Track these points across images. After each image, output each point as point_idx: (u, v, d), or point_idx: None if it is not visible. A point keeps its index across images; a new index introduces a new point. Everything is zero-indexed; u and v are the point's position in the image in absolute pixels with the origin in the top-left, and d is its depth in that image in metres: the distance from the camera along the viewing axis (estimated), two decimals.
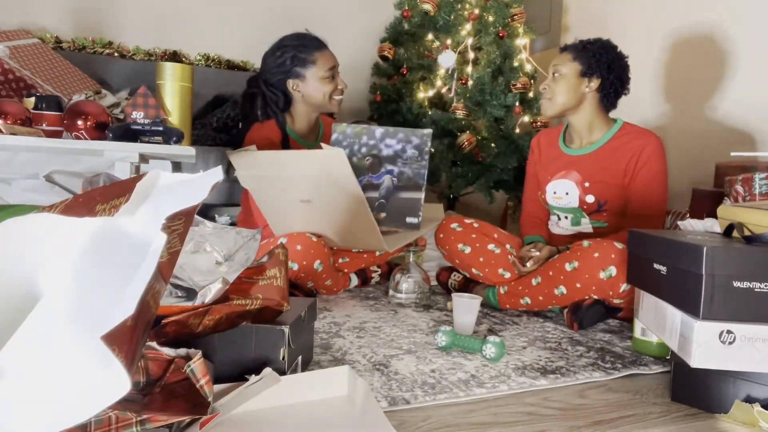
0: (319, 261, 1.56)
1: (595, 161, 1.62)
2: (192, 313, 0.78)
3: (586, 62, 1.59)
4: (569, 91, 1.60)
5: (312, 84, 1.75)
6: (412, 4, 2.63)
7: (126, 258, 0.54)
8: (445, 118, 2.51)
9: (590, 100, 1.62)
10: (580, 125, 1.65)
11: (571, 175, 1.64)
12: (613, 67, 1.59)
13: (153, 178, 0.63)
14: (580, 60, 1.60)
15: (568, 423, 0.87)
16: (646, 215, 1.57)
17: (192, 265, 0.85)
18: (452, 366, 1.10)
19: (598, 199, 1.60)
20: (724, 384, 0.91)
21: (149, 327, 0.58)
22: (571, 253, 1.45)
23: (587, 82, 1.60)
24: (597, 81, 1.59)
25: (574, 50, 1.62)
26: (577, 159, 1.66)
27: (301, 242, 1.54)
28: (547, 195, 1.69)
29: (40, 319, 0.49)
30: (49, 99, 1.48)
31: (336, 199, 1.50)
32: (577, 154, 1.66)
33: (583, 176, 1.62)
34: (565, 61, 1.62)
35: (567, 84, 1.60)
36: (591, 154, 1.63)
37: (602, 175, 1.60)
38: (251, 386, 0.78)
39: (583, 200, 1.62)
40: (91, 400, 0.46)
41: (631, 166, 1.57)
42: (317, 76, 1.74)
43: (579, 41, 1.65)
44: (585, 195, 1.62)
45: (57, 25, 2.56)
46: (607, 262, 1.37)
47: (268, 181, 1.57)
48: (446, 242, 1.69)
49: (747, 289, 0.87)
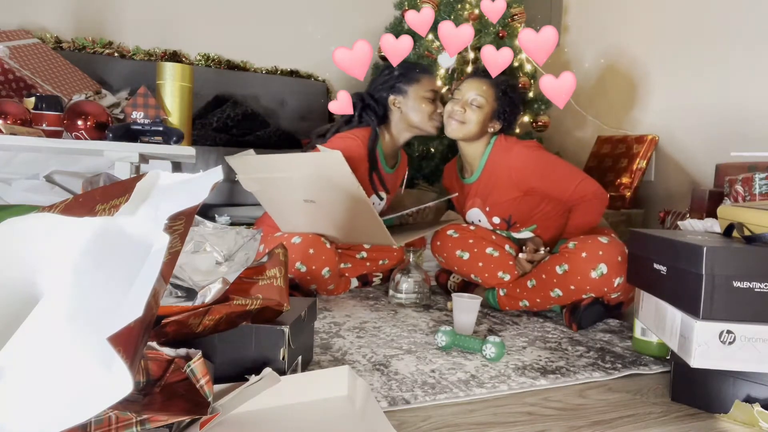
0: (327, 268, 1.57)
1: (482, 185, 1.67)
2: (192, 313, 0.78)
3: (501, 108, 1.63)
4: (480, 125, 1.62)
5: (412, 101, 1.76)
6: (412, 4, 2.63)
7: (127, 258, 0.54)
8: None
9: (486, 136, 1.66)
10: (472, 155, 1.68)
11: (476, 202, 1.72)
12: (513, 118, 1.67)
13: (153, 178, 0.63)
14: (499, 103, 1.63)
15: (568, 423, 0.87)
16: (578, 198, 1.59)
17: (192, 265, 0.85)
18: (452, 366, 1.10)
19: (503, 217, 1.66)
20: (724, 384, 0.91)
21: (150, 327, 0.58)
22: (560, 255, 1.46)
23: (493, 123, 1.65)
24: (498, 125, 1.66)
25: (495, 90, 1.64)
26: (473, 186, 1.71)
27: (314, 247, 1.54)
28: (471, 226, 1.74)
29: (40, 319, 0.48)
30: (49, 99, 1.48)
31: (338, 198, 1.50)
32: (471, 182, 1.72)
33: (482, 201, 1.69)
34: (488, 96, 1.63)
35: (482, 117, 1.62)
36: (478, 180, 1.69)
37: (493, 196, 1.65)
38: (251, 386, 0.78)
39: (493, 222, 1.69)
40: (92, 401, 0.46)
41: (515, 180, 1.60)
42: (418, 94, 1.75)
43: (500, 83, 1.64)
44: (491, 218, 1.68)
45: (57, 25, 2.56)
46: (595, 260, 1.38)
47: (269, 183, 1.57)
48: (444, 250, 1.68)
49: (747, 289, 0.87)
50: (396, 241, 1.58)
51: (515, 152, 1.59)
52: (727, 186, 1.68)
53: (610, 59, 2.80)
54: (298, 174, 1.48)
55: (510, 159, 1.60)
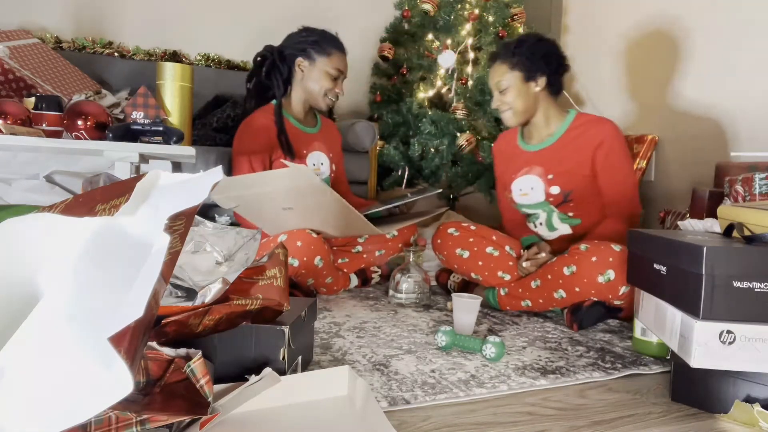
0: (319, 257, 1.56)
1: (555, 153, 1.64)
2: (192, 313, 0.78)
3: (524, 68, 1.60)
4: (522, 98, 1.62)
5: (316, 71, 1.80)
6: (412, 4, 2.63)
7: (127, 258, 0.54)
8: (445, 118, 2.51)
9: (543, 96, 1.64)
10: (539, 121, 1.67)
11: (534, 170, 1.67)
12: (549, 59, 1.61)
13: (153, 178, 0.63)
14: (518, 67, 1.61)
15: (568, 423, 0.87)
16: (625, 201, 1.59)
17: (192, 265, 0.85)
18: (452, 366, 1.10)
19: (563, 189, 1.62)
20: (724, 384, 0.91)
21: (150, 327, 0.58)
22: (569, 256, 1.45)
23: (534, 84, 1.62)
24: (543, 79, 1.61)
25: (507, 59, 1.62)
26: (538, 153, 1.67)
27: (301, 239, 1.55)
28: (513, 193, 1.71)
29: (40, 319, 0.48)
30: (49, 99, 1.47)
31: (315, 203, 1.51)
32: (538, 149, 1.68)
33: (546, 169, 1.64)
34: (503, 73, 1.62)
35: (517, 93, 1.61)
36: (551, 146, 1.65)
37: (565, 165, 1.62)
38: (251, 386, 0.78)
39: (549, 192, 1.64)
40: (93, 401, 0.46)
41: (595, 155, 1.59)
42: (324, 67, 1.80)
43: (505, 46, 1.64)
44: (549, 187, 1.64)
45: (57, 25, 2.56)
46: (605, 266, 1.37)
47: (245, 199, 1.59)
48: (444, 248, 1.68)
49: (747, 289, 0.87)
50: (383, 230, 1.59)
51: (608, 127, 1.58)
52: (727, 186, 1.68)
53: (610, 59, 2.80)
54: (270, 188, 1.50)
55: (600, 131, 1.58)
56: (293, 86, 1.86)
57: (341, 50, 1.84)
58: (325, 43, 1.80)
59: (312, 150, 1.85)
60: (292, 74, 1.84)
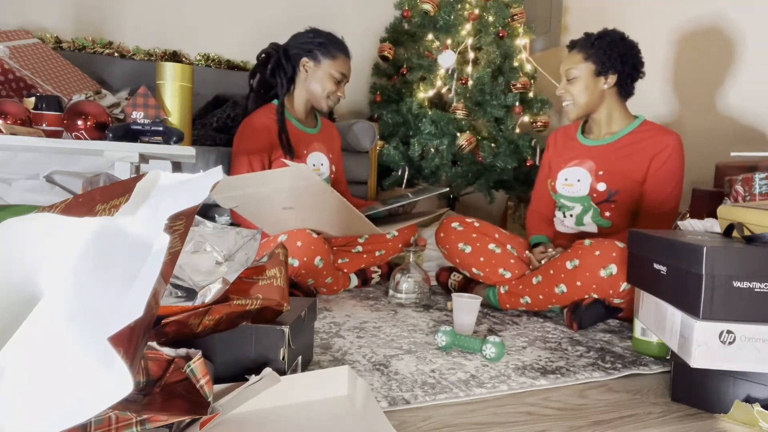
0: (319, 257, 1.56)
1: (612, 151, 1.63)
2: (192, 313, 0.78)
3: (599, 61, 1.59)
4: (588, 91, 1.61)
5: (321, 73, 1.82)
6: (412, 4, 2.63)
7: (127, 258, 0.54)
8: (445, 118, 2.51)
9: (609, 94, 1.63)
10: (601, 118, 1.67)
11: (585, 164, 1.66)
12: (626, 59, 1.59)
13: (153, 178, 0.63)
14: (593, 59, 1.59)
15: (568, 423, 0.87)
16: (660, 213, 1.58)
17: (192, 265, 0.85)
18: (452, 366, 1.10)
19: (609, 188, 1.61)
20: (724, 384, 0.91)
21: (150, 327, 0.58)
22: (572, 251, 1.45)
23: (604, 80, 1.61)
24: (614, 77, 1.60)
25: (584, 49, 1.61)
26: (594, 148, 1.67)
27: (301, 239, 1.55)
28: (558, 182, 1.70)
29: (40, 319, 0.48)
30: (49, 99, 1.47)
31: (316, 202, 1.51)
32: (595, 144, 1.67)
33: (598, 164, 1.63)
34: (576, 62, 1.61)
35: (584, 85, 1.61)
36: (609, 144, 1.65)
37: (618, 165, 1.60)
38: (251, 386, 0.78)
39: (594, 188, 1.63)
40: (93, 401, 0.46)
41: (652, 161, 1.58)
42: (329, 70, 1.81)
43: (586, 36, 1.64)
44: (597, 183, 1.62)
45: (57, 25, 2.56)
46: (608, 260, 1.37)
47: (245, 198, 1.60)
48: (447, 241, 1.69)
49: (747, 289, 0.87)
50: (384, 230, 1.59)
51: (673, 138, 1.57)
52: (727, 186, 1.68)
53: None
54: (270, 188, 1.50)
55: (663, 140, 1.57)
56: (296, 86, 1.87)
57: (346, 54, 1.86)
58: (331, 45, 1.82)
59: (312, 150, 1.86)
60: (296, 73, 1.86)
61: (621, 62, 1.58)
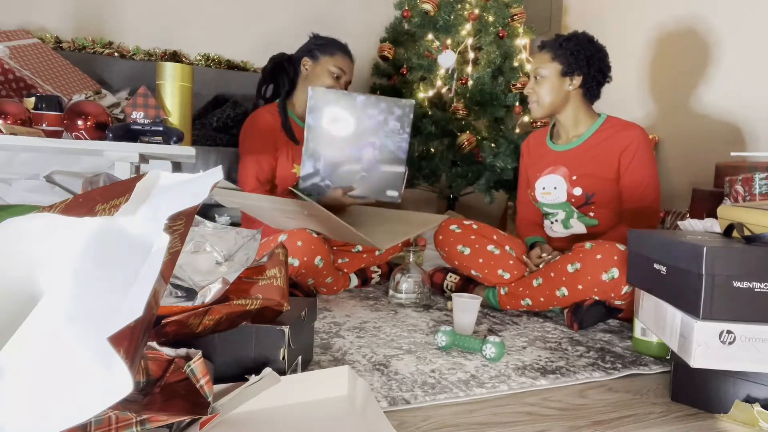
0: (319, 257, 1.57)
1: (581, 154, 1.64)
2: (192, 313, 0.78)
3: (565, 61, 1.60)
4: (553, 91, 1.62)
5: (319, 69, 1.84)
6: (412, 4, 2.63)
7: (127, 258, 0.54)
8: (445, 118, 2.51)
9: (574, 96, 1.64)
10: (567, 121, 1.67)
11: (559, 170, 1.66)
12: (592, 62, 1.60)
13: (153, 178, 0.63)
14: (560, 60, 1.61)
15: (568, 423, 0.87)
16: (644, 206, 1.58)
17: (192, 265, 0.85)
18: (452, 366, 1.10)
19: (586, 191, 1.62)
20: (724, 384, 0.91)
21: (150, 327, 0.58)
22: (573, 254, 1.45)
23: (569, 81, 1.62)
24: (579, 78, 1.61)
25: (552, 50, 1.62)
26: (564, 154, 1.68)
27: (302, 238, 1.55)
28: (536, 191, 1.71)
29: (40, 319, 0.48)
30: (49, 99, 1.48)
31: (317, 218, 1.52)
32: (564, 149, 1.68)
33: (570, 170, 1.64)
34: (544, 62, 1.63)
35: (550, 85, 1.62)
36: (577, 147, 1.65)
37: (589, 168, 1.61)
38: (251, 386, 0.78)
39: (571, 193, 1.64)
40: (92, 401, 0.46)
41: (621, 158, 1.58)
42: (326, 66, 1.84)
43: (555, 37, 1.65)
44: (572, 188, 1.63)
45: (57, 25, 2.56)
46: (609, 263, 1.37)
47: (247, 207, 1.64)
48: (445, 244, 1.69)
49: (747, 289, 0.87)
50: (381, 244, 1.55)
51: (636, 132, 1.57)
52: (727, 186, 1.68)
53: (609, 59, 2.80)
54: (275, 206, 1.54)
55: (628, 135, 1.57)
56: (298, 85, 1.90)
57: (345, 53, 1.88)
58: (330, 45, 1.87)
59: None
60: (297, 74, 1.89)
61: (587, 64, 1.60)
